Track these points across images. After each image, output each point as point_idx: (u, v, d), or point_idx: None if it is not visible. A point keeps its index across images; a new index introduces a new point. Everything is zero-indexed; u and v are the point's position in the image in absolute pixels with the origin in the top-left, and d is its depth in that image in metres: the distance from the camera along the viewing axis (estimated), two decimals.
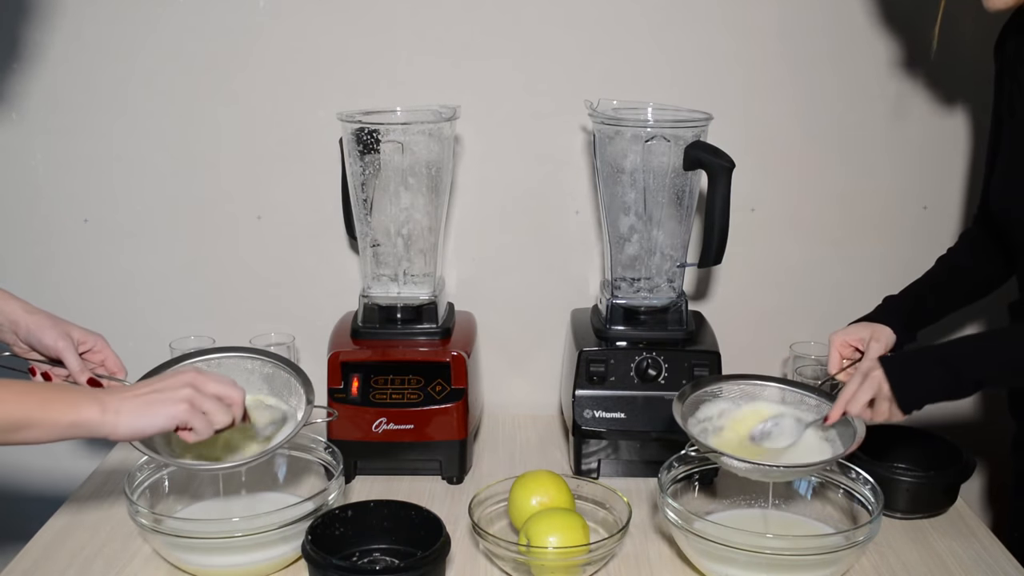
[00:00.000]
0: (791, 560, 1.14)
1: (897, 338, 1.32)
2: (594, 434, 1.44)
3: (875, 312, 1.37)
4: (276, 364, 1.30)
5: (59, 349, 1.17)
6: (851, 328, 1.34)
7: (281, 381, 1.30)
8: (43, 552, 1.27)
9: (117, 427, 1.02)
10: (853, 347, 1.32)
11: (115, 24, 1.55)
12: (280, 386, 1.30)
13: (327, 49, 1.57)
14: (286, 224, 1.65)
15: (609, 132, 1.44)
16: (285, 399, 1.29)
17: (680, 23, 1.57)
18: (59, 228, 1.64)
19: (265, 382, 1.30)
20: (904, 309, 1.37)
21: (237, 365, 1.30)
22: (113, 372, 1.23)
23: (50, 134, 1.59)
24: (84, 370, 1.20)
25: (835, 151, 1.63)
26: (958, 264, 1.42)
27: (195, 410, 1.06)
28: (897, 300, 1.39)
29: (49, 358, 1.19)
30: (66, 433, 1.01)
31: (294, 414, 1.26)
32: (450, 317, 1.56)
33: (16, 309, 1.19)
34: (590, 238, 1.66)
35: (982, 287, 1.42)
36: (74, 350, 1.18)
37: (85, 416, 1.01)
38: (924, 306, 1.39)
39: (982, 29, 1.54)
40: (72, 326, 1.20)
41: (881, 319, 1.34)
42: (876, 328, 1.32)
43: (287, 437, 1.23)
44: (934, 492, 1.36)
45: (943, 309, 1.41)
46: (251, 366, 1.30)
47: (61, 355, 1.17)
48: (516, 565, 1.20)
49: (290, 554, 1.21)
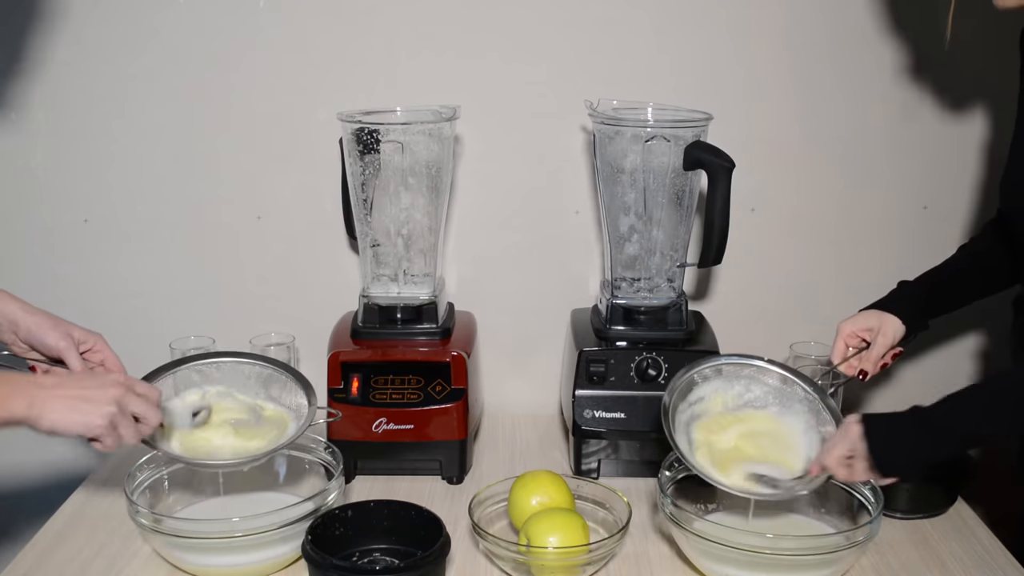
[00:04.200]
0: (791, 560, 1.14)
1: (908, 327, 1.31)
2: (594, 434, 1.44)
3: (888, 298, 1.36)
4: (274, 368, 1.31)
5: (61, 349, 1.18)
6: (860, 317, 1.33)
7: (279, 385, 1.30)
8: (43, 552, 1.27)
9: (39, 422, 1.05)
10: (860, 337, 1.32)
11: (115, 25, 1.55)
12: (278, 390, 1.31)
13: (327, 49, 1.57)
14: (286, 224, 1.65)
15: (609, 132, 1.44)
16: (283, 402, 1.30)
17: (680, 23, 1.57)
18: (59, 228, 1.64)
19: (262, 386, 1.31)
20: (918, 296, 1.34)
21: (235, 369, 1.31)
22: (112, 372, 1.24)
23: (50, 134, 1.59)
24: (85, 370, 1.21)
25: (835, 151, 1.63)
26: (978, 254, 1.38)
27: (111, 427, 1.08)
28: (912, 287, 1.36)
29: (50, 358, 1.19)
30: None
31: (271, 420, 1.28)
32: (450, 317, 1.56)
33: (15, 309, 1.19)
34: (590, 238, 1.66)
35: (1002, 278, 1.36)
36: (75, 350, 1.19)
37: (11, 409, 1.04)
38: (939, 295, 1.36)
39: (988, 29, 1.54)
40: (72, 326, 1.21)
41: (893, 306, 1.32)
42: (884, 319, 1.31)
43: (291, 438, 1.24)
44: (934, 492, 1.36)
45: (959, 299, 1.37)
46: (248, 371, 1.31)
47: (63, 355, 1.18)
48: (516, 565, 1.20)
49: (290, 554, 1.21)
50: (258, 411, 1.30)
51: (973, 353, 1.72)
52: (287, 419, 1.29)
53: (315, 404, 1.27)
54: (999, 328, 1.40)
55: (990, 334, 1.69)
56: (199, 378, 1.31)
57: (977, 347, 1.72)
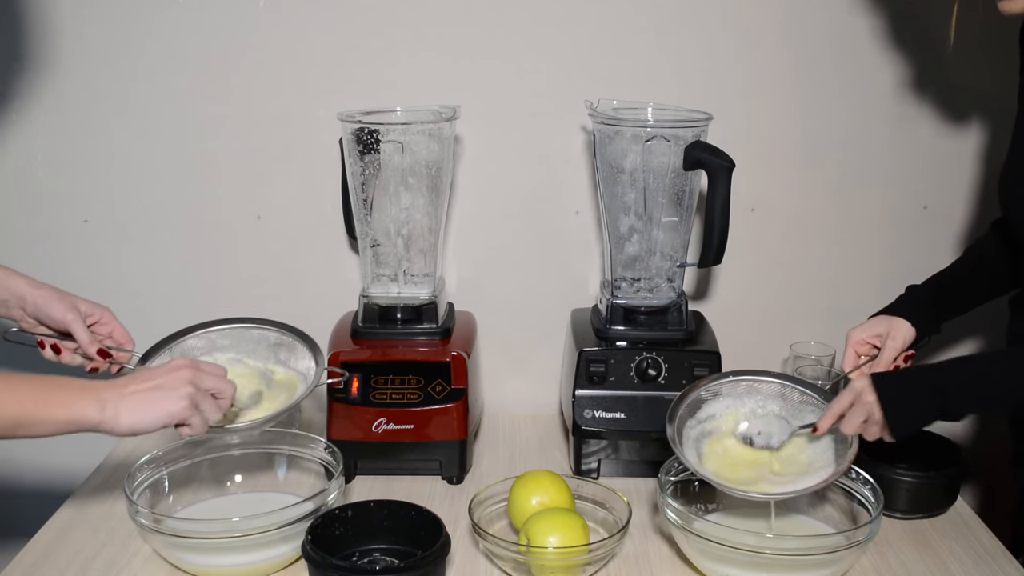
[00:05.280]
0: (791, 560, 1.14)
1: (918, 331, 1.30)
2: (594, 434, 1.44)
3: (897, 303, 1.35)
4: (282, 332, 1.33)
5: (68, 322, 1.18)
6: (869, 324, 1.32)
7: (287, 349, 1.33)
8: (43, 552, 1.27)
9: (117, 425, 1.03)
10: (871, 344, 1.32)
11: (115, 24, 1.55)
12: (286, 354, 1.33)
13: (327, 49, 1.57)
14: (286, 224, 1.65)
15: (609, 132, 1.44)
16: (292, 366, 1.32)
17: (680, 23, 1.57)
18: (59, 228, 1.64)
19: (271, 351, 1.33)
20: (927, 300, 1.34)
21: (242, 335, 1.32)
22: (121, 343, 1.25)
23: (50, 134, 1.59)
24: (93, 341, 1.22)
25: (835, 151, 1.63)
26: (985, 255, 1.37)
27: (194, 407, 1.07)
28: (920, 291, 1.35)
29: (57, 331, 1.19)
30: (65, 429, 1.02)
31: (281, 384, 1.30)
32: (450, 317, 1.56)
33: (22, 284, 1.20)
34: (590, 238, 1.66)
35: (1009, 279, 1.35)
36: (82, 322, 1.20)
37: (83, 414, 1.02)
38: (948, 298, 1.35)
39: (989, 29, 1.54)
40: (79, 299, 1.21)
41: (902, 311, 1.32)
42: (894, 324, 1.30)
43: (300, 397, 1.26)
44: (934, 492, 1.36)
45: (968, 301, 1.37)
46: (257, 335, 1.33)
47: (70, 327, 1.18)
48: (516, 565, 1.20)
49: (290, 554, 1.21)
50: (269, 376, 1.31)
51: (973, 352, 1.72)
52: (296, 383, 1.30)
53: (323, 365, 1.28)
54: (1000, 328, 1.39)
55: (990, 334, 1.69)
56: (206, 345, 1.31)
57: (977, 345, 1.71)
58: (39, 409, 1.00)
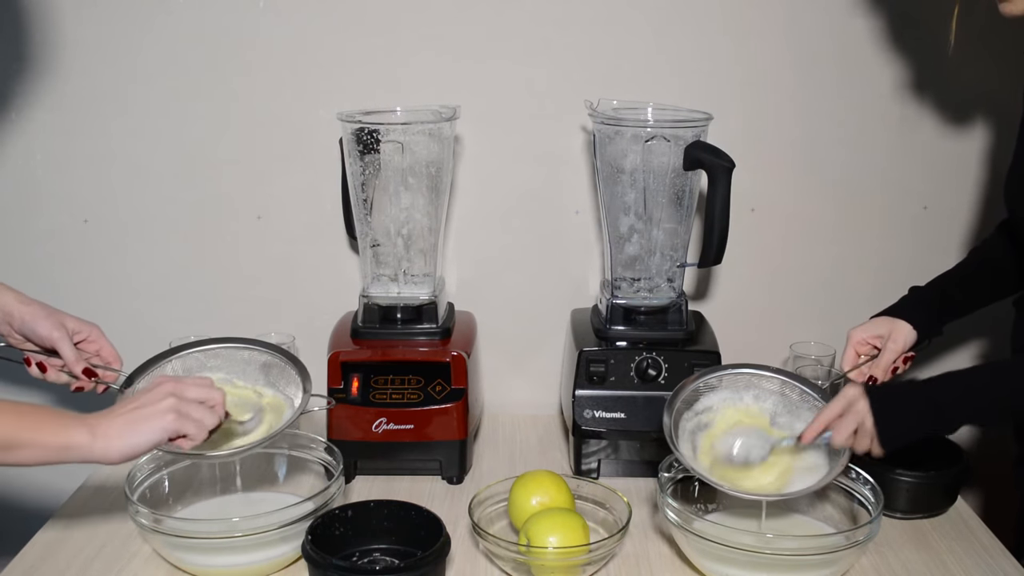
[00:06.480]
0: (791, 560, 1.14)
1: (920, 333, 1.30)
2: (594, 434, 1.44)
3: (899, 304, 1.35)
4: (272, 354, 1.31)
5: (54, 339, 1.17)
6: (870, 324, 1.32)
7: (277, 370, 1.30)
8: (43, 552, 1.27)
9: (109, 450, 1.02)
10: (871, 344, 1.31)
11: (115, 24, 1.55)
12: (276, 376, 1.30)
13: (327, 49, 1.57)
14: (286, 224, 1.65)
15: (609, 132, 1.44)
16: (281, 389, 1.30)
17: (680, 23, 1.57)
18: (59, 228, 1.63)
19: (261, 372, 1.31)
20: (930, 302, 1.33)
21: (233, 356, 1.30)
22: (108, 362, 1.23)
23: (50, 134, 1.59)
24: (79, 360, 1.20)
25: (835, 151, 1.63)
26: (989, 256, 1.37)
27: (183, 417, 1.06)
28: (923, 292, 1.35)
29: (44, 348, 1.18)
30: (57, 456, 1.00)
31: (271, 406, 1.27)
32: (450, 317, 1.56)
33: (10, 300, 1.18)
34: (590, 238, 1.66)
35: (1015, 280, 1.35)
36: (69, 340, 1.18)
37: (75, 440, 1.00)
38: (951, 299, 1.34)
39: (990, 30, 1.54)
40: (67, 316, 1.20)
41: (904, 313, 1.32)
42: (895, 326, 1.30)
43: (286, 423, 1.23)
44: (934, 492, 1.36)
45: (972, 303, 1.36)
46: (247, 356, 1.31)
47: (56, 345, 1.17)
48: (516, 565, 1.20)
49: (290, 554, 1.21)
50: (258, 398, 1.29)
51: (975, 354, 1.72)
52: (284, 407, 1.27)
53: (309, 391, 1.26)
54: (1001, 328, 1.39)
55: (992, 334, 1.69)
56: (197, 365, 1.29)
57: (979, 348, 1.72)
58: (32, 431, 0.99)
